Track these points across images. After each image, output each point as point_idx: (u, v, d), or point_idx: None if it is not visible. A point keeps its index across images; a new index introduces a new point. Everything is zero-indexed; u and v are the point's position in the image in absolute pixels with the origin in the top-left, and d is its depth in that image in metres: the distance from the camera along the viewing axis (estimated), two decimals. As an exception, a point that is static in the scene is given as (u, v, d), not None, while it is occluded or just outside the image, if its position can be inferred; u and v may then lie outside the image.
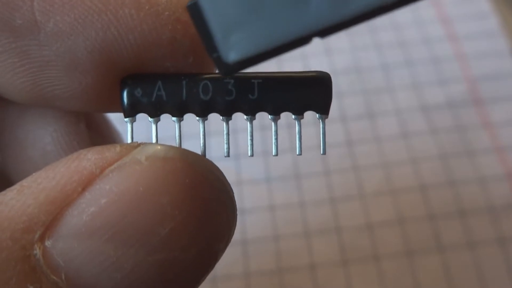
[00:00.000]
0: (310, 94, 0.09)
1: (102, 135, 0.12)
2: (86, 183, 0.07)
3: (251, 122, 0.10)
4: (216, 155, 0.29)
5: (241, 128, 0.30)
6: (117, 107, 0.09)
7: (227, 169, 0.28)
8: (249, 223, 0.26)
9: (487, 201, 0.26)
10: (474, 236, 0.25)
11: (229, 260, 0.25)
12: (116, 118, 0.12)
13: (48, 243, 0.07)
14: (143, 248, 0.07)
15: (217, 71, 0.08)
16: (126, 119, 0.09)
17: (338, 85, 0.31)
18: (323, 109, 0.09)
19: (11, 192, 0.07)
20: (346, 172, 0.28)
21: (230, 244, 0.17)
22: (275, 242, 0.25)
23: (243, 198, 0.27)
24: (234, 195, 0.08)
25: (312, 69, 0.09)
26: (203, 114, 0.09)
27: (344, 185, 0.27)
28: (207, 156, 0.10)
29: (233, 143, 0.29)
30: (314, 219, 0.26)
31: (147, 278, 0.07)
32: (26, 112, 0.10)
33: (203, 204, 0.07)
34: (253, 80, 0.09)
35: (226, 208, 0.08)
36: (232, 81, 0.09)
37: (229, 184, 0.08)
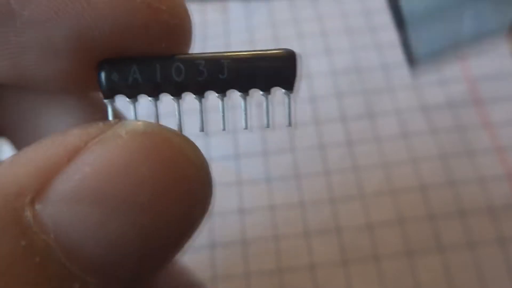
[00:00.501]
0: (274, 70, 0.09)
1: None
2: (72, 155, 0.08)
3: (222, 100, 0.10)
4: (216, 155, 0.29)
5: (241, 127, 0.30)
6: (96, 88, 0.09)
7: (227, 169, 0.28)
8: (249, 223, 0.26)
9: (487, 201, 0.26)
10: (474, 236, 0.25)
11: (229, 260, 0.25)
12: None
13: (38, 207, 0.07)
14: (124, 212, 0.07)
15: (189, 53, 0.09)
16: (106, 100, 0.09)
17: (338, 85, 0.31)
18: (289, 86, 0.10)
19: (4, 164, 0.08)
20: (346, 172, 0.28)
21: (230, 244, 0.17)
22: (275, 242, 0.25)
23: (243, 198, 0.27)
24: (209, 167, 0.09)
25: (311, 66, 0.09)
26: (177, 94, 0.10)
27: (344, 185, 0.27)
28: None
29: (233, 143, 0.29)
30: (314, 219, 0.26)
31: (128, 240, 0.07)
32: (46, 103, 0.11)
33: (179, 173, 0.08)
34: (222, 60, 0.09)
35: (201, 178, 0.08)
36: (203, 62, 0.09)
37: (204, 157, 0.09)
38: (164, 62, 0.09)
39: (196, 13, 0.37)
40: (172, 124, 0.09)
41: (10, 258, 0.07)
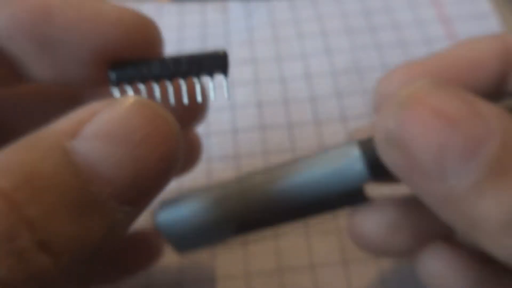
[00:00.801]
0: (214, 63, 0.15)
1: None
2: (95, 113, 0.12)
3: (185, 84, 0.15)
4: (216, 154, 0.29)
5: (241, 127, 0.30)
6: (105, 82, 0.15)
7: (227, 169, 0.28)
8: (249, 223, 0.26)
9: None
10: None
11: (229, 260, 0.25)
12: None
13: (73, 142, 0.11)
14: (124, 146, 0.12)
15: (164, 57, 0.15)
16: (114, 90, 0.15)
17: (338, 85, 0.32)
18: (225, 72, 0.15)
19: (52, 124, 0.12)
20: (346, 172, 0.28)
21: (230, 244, 0.17)
22: (275, 242, 0.25)
23: (243, 198, 0.27)
24: (178, 129, 0.13)
25: (311, 66, 0.13)
26: (157, 81, 0.15)
27: (344, 185, 0.27)
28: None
29: (233, 143, 0.29)
30: (314, 219, 0.26)
31: (126, 167, 0.12)
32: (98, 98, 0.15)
33: (160, 126, 0.12)
34: (182, 59, 0.15)
35: (172, 132, 0.12)
36: (171, 60, 0.15)
37: (175, 123, 0.13)
38: (148, 63, 0.15)
39: (196, 13, 0.37)
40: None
41: (54, 176, 0.11)
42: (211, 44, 0.34)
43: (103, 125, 0.12)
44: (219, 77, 0.15)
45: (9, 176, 0.10)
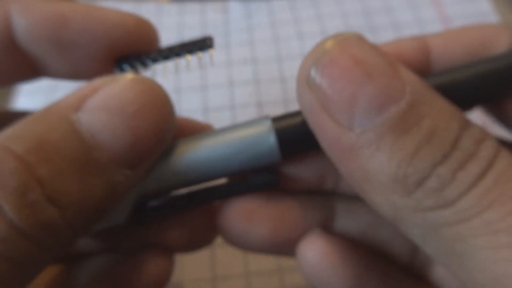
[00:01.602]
0: (200, 43, 0.17)
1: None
2: (95, 90, 0.14)
3: (179, 60, 0.18)
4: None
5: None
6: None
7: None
8: (249, 223, 0.26)
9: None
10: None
11: (229, 260, 0.25)
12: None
13: (78, 114, 0.13)
14: (122, 117, 0.13)
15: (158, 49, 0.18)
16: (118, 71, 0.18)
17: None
18: (210, 46, 0.17)
19: (59, 100, 0.14)
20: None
21: (230, 244, 0.17)
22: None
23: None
24: (171, 102, 0.15)
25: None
26: (148, 66, 0.18)
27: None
28: None
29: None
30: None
31: (124, 135, 0.13)
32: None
33: (154, 99, 0.14)
34: (174, 46, 0.18)
35: (165, 104, 0.14)
36: (166, 50, 0.18)
37: (169, 98, 0.14)
38: (147, 53, 0.18)
39: (196, 13, 0.37)
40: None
41: (61, 142, 0.12)
42: (211, 44, 0.34)
43: (103, 98, 0.13)
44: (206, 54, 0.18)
45: (22, 142, 0.12)
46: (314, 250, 0.16)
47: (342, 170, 0.13)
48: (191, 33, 0.35)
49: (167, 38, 0.35)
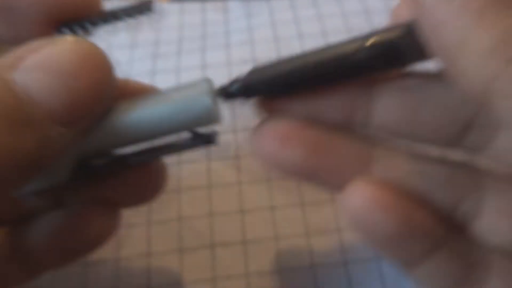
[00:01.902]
0: (141, 7, 0.19)
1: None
2: (34, 51, 0.14)
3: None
4: (216, 155, 0.29)
5: (241, 127, 0.30)
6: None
7: (227, 168, 0.28)
8: (249, 223, 0.26)
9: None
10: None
11: (229, 260, 0.25)
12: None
13: (13, 73, 0.13)
14: (58, 76, 0.14)
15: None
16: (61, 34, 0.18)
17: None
18: (150, 10, 0.18)
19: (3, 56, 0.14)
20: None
21: (230, 244, 0.17)
22: (275, 242, 0.25)
23: (243, 198, 0.27)
24: (110, 62, 0.15)
25: None
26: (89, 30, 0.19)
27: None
28: None
29: (233, 144, 0.29)
30: (314, 219, 0.26)
31: (60, 94, 0.14)
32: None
33: (92, 60, 0.14)
34: (119, 12, 0.19)
35: (104, 66, 0.14)
36: (110, 13, 0.19)
37: (107, 57, 0.15)
38: (90, 18, 0.18)
39: (196, 13, 0.37)
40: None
41: None
42: (211, 44, 0.34)
43: (41, 59, 0.14)
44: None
45: None
46: (363, 195, 0.16)
47: (436, 41, 0.13)
48: (191, 33, 0.35)
49: (167, 38, 0.35)
